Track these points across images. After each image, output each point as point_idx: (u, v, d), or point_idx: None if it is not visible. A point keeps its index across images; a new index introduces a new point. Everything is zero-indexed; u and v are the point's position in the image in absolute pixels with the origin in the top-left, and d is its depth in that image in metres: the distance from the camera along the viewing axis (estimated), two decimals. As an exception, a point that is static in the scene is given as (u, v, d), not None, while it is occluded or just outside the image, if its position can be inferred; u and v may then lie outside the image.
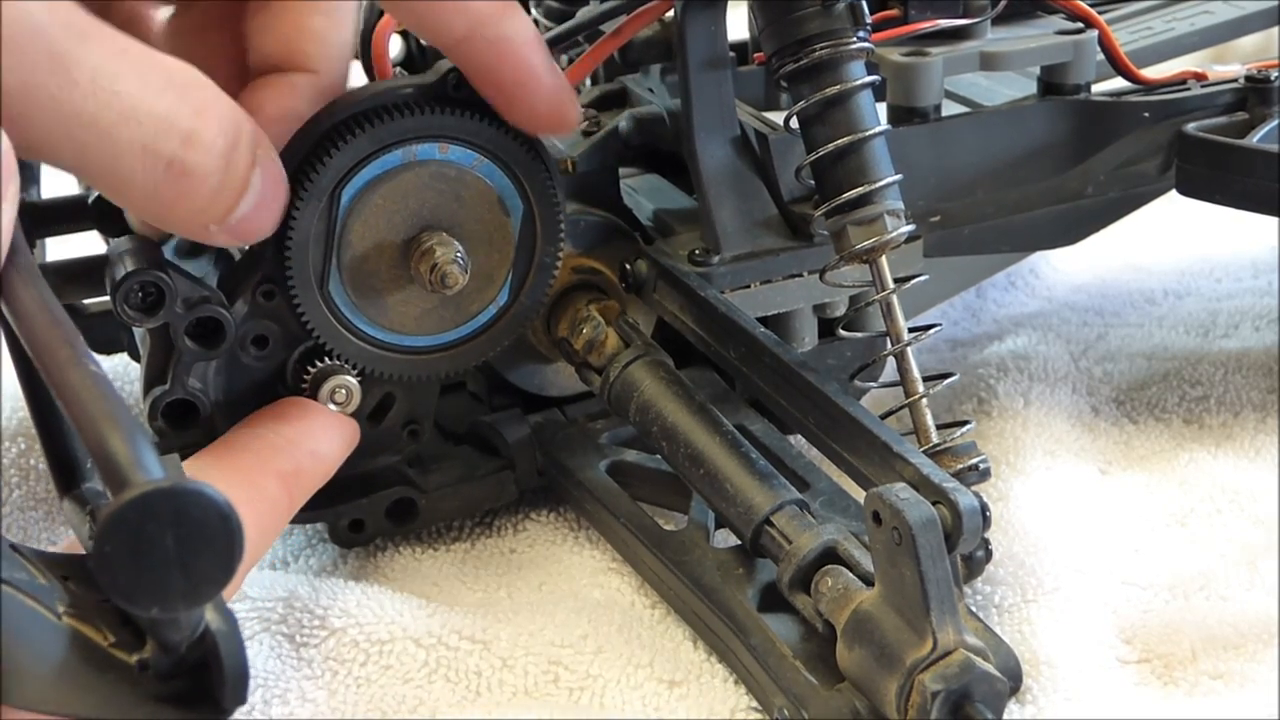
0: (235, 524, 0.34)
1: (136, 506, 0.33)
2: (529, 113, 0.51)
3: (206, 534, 0.34)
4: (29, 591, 0.37)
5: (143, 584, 0.34)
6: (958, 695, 0.42)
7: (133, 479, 0.33)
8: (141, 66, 0.42)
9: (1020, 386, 0.64)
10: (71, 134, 0.41)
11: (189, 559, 0.34)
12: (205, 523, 0.34)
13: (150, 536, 0.33)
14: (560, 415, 0.60)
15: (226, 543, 0.34)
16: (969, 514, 0.44)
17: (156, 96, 0.42)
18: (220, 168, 0.43)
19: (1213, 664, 0.49)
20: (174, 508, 0.34)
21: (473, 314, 0.54)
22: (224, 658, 0.37)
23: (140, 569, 0.34)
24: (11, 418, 0.63)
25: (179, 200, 0.43)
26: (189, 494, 0.34)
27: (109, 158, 0.42)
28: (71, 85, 0.40)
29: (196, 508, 0.34)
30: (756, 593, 0.49)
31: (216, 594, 0.35)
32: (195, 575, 0.34)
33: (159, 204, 0.43)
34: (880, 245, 0.52)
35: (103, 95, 0.41)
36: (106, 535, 0.33)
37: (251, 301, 0.51)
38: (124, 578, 0.34)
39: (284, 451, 0.50)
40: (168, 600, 0.34)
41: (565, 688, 0.49)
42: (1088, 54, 0.62)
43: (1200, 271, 0.76)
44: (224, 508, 0.34)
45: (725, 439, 0.51)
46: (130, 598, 0.34)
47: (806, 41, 0.52)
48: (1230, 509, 0.57)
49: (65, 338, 0.38)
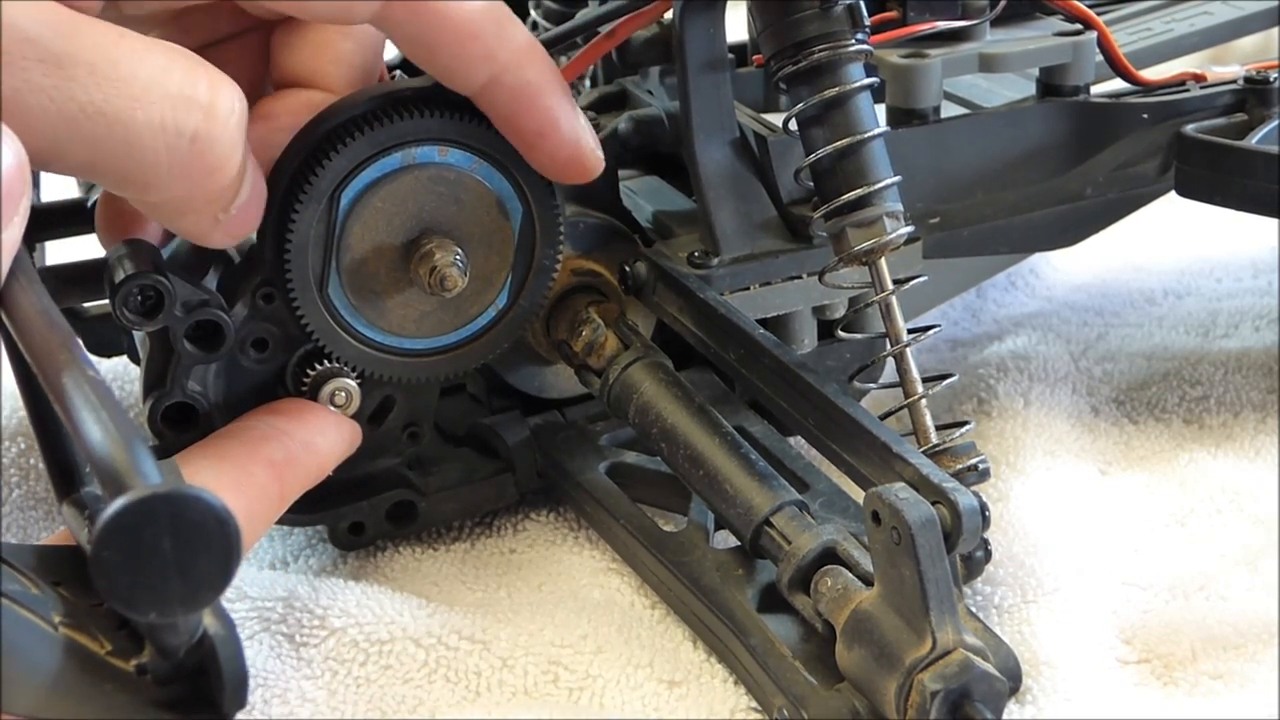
0: (233, 529, 0.34)
1: (134, 511, 0.33)
2: (548, 161, 0.51)
3: (204, 538, 0.34)
4: (24, 603, 0.37)
5: (141, 589, 0.34)
6: (957, 695, 0.42)
7: (130, 484, 0.33)
8: (140, 50, 0.41)
9: (1020, 387, 0.64)
10: (80, 131, 0.40)
11: (187, 563, 0.34)
12: (203, 527, 0.34)
13: (148, 541, 0.33)
14: (560, 417, 0.60)
15: (224, 547, 0.34)
16: (968, 514, 0.44)
17: (165, 75, 0.41)
18: (239, 140, 0.43)
19: (1213, 664, 0.49)
20: (172, 512, 0.33)
21: (472, 316, 0.54)
22: (222, 662, 0.38)
23: (138, 574, 0.33)
24: (11, 417, 0.63)
25: (207, 178, 0.43)
26: (187, 499, 0.34)
27: (124, 144, 0.41)
28: (70, 81, 0.40)
29: (194, 512, 0.34)
30: (756, 593, 0.49)
31: (215, 599, 0.35)
32: (193, 580, 0.34)
33: (187, 183, 0.43)
34: (879, 247, 0.52)
35: (107, 83, 0.40)
36: (104, 540, 0.33)
37: (251, 304, 0.51)
38: (122, 582, 0.34)
39: (274, 440, 0.49)
40: (166, 605, 0.34)
41: (565, 688, 0.49)
42: (1086, 55, 0.62)
43: (1200, 271, 0.76)
44: (221, 512, 0.34)
45: (725, 440, 0.51)
46: (128, 603, 0.34)
47: (805, 43, 0.52)
48: (1230, 509, 0.57)
49: (63, 342, 0.38)
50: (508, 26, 0.48)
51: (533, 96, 0.49)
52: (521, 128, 0.50)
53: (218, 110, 0.42)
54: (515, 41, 0.48)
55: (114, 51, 0.41)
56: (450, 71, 0.49)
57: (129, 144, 0.41)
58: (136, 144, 0.41)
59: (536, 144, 0.50)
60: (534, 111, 0.49)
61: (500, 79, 0.48)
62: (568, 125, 0.50)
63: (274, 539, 0.58)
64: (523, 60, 0.49)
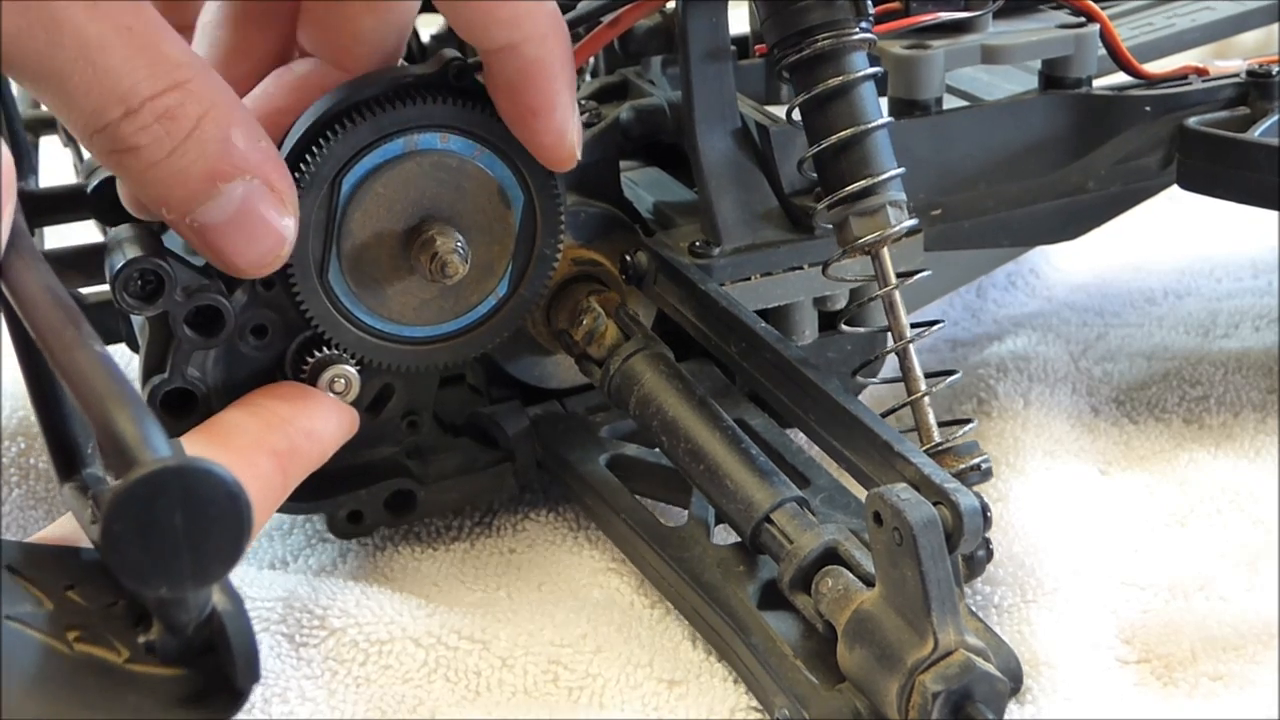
0: (244, 503, 0.34)
1: (145, 485, 0.33)
2: (530, 140, 0.50)
3: (215, 513, 0.34)
4: (35, 625, 0.37)
5: (151, 563, 0.34)
6: (958, 696, 0.42)
7: (141, 458, 0.33)
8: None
9: (1020, 387, 0.64)
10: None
11: (198, 538, 0.34)
12: (214, 501, 0.34)
13: (159, 515, 0.33)
14: (560, 408, 0.60)
15: (235, 522, 0.34)
16: (970, 514, 0.43)
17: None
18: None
19: (1213, 665, 0.49)
20: (183, 486, 0.33)
21: (472, 305, 0.53)
22: (232, 637, 0.37)
23: (149, 548, 0.33)
24: (11, 417, 0.62)
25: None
26: (198, 472, 0.34)
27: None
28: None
29: (205, 486, 0.34)
30: (757, 590, 0.49)
31: (225, 573, 0.35)
32: (204, 554, 0.34)
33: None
34: (883, 238, 0.52)
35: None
36: (115, 514, 0.33)
37: (251, 290, 0.51)
38: (132, 557, 0.34)
39: (278, 429, 0.49)
40: (176, 579, 0.34)
41: (565, 687, 0.49)
42: (1089, 48, 0.62)
43: (1200, 271, 0.76)
44: (233, 486, 0.34)
45: (726, 434, 0.51)
46: (139, 577, 0.34)
47: (809, 32, 0.52)
48: (1230, 509, 0.57)
49: (70, 319, 0.38)
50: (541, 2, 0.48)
51: (539, 75, 0.49)
52: (518, 101, 0.50)
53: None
54: (545, 17, 0.48)
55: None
56: (471, 25, 0.48)
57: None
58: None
59: (526, 121, 0.50)
60: (536, 90, 0.49)
61: (519, 48, 0.48)
62: (561, 113, 0.50)
63: (273, 539, 0.58)
64: (545, 36, 0.49)
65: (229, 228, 0.46)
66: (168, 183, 0.44)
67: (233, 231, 0.46)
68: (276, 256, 0.47)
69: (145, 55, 0.43)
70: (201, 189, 0.45)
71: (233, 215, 0.45)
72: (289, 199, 0.47)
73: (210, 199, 0.45)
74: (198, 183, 0.45)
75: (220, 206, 0.45)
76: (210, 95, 0.44)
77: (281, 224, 0.47)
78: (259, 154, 0.45)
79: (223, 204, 0.45)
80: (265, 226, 0.46)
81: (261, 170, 0.45)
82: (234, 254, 0.46)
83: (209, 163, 0.44)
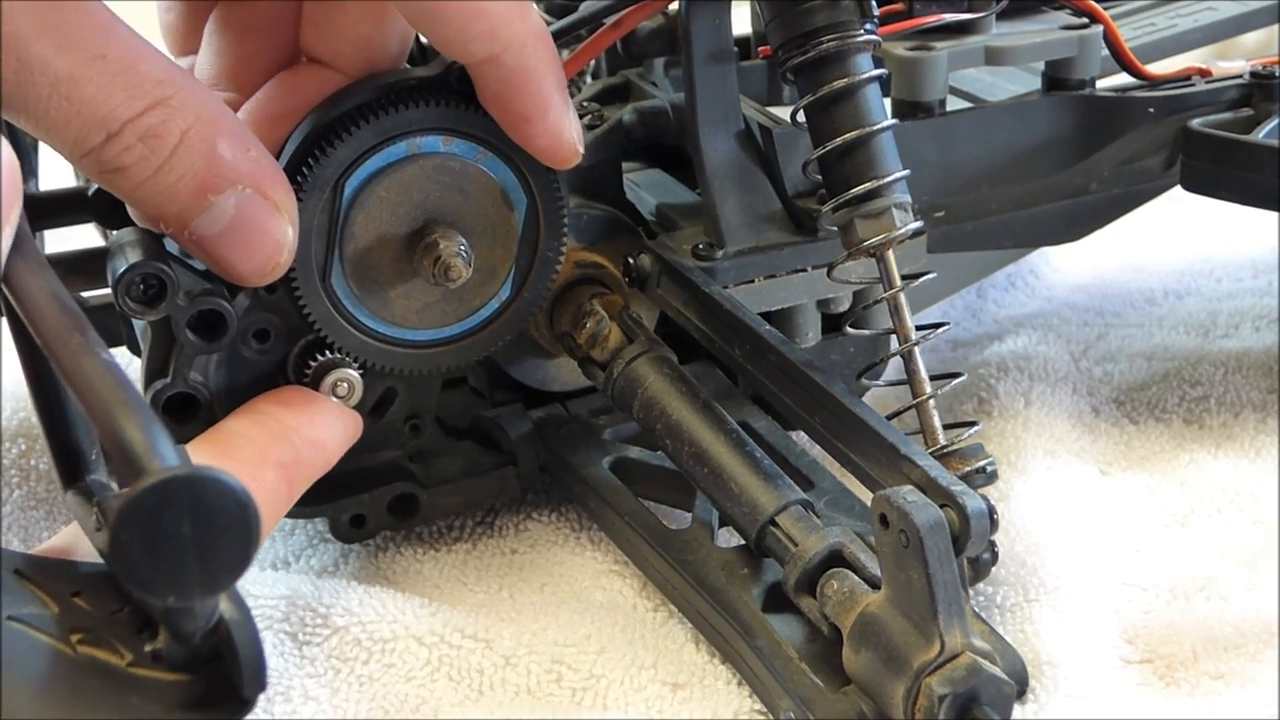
0: (253, 512, 0.34)
1: (154, 494, 0.33)
2: (528, 144, 0.50)
3: (224, 522, 0.34)
4: (38, 627, 0.37)
5: (159, 572, 0.34)
6: (965, 698, 0.42)
7: (150, 467, 0.33)
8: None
9: (1021, 387, 0.64)
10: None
11: (206, 547, 0.34)
12: (222, 510, 0.34)
13: (167, 524, 0.33)
14: (563, 411, 0.59)
15: (243, 531, 0.34)
16: (976, 517, 0.43)
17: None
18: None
19: (1214, 664, 0.49)
20: (191, 495, 0.33)
21: (475, 308, 0.53)
22: (239, 645, 0.37)
23: (157, 557, 0.33)
24: (12, 418, 0.62)
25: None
26: (207, 481, 0.34)
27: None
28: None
29: (214, 495, 0.34)
30: (761, 592, 0.49)
31: (233, 583, 0.35)
32: (212, 563, 0.34)
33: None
34: (889, 240, 0.52)
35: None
36: (123, 523, 0.33)
37: (253, 294, 0.50)
38: (141, 565, 0.34)
39: (283, 439, 0.49)
40: (184, 588, 0.34)
41: (568, 688, 0.49)
42: (1093, 49, 0.62)
43: (1200, 271, 0.76)
44: (241, 495, 0.34)
45: (729, 437, 0.51)
46: (147, 586, 0.34)
47: (814, 34, 0.52)
48: (1230, 509, 0.57)
49: (76, 325, 0.38)
50: (517, 8, 0.48)
51: (525, 82, 0.49)
52: (509, 109, 0.50)
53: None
54: (521, 24, 0.48)
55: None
56: (449, 43, 0.48)
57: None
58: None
59: (520, 127, 0.50)
60: (525, 97, 0.49)
61: (500, 59, 0.48)
62: (555, 115, 0.50)
63: (275, 539, 0.58)
64: (526, 44, 0.48)
65: (226, 238, 0.46)
66: (159, 199, 0.45)
67: (230, 242, 0.46)
68: (277, 264, 0.47)
69: (122, 79, 0.43)
70: (193, 202, 0.45)
71: (228, 226, 0.46)
72: (286, 206, 0.47)
73: (203, 211, 0.45)
74: (188, 197, 0.45)
75: (214, 218, 0.45)
76: (194, 109, 0.44)
77: (279, 231, 0.47)
78: (249, 164, 0.45)
79: (216, 215, 0.45)
80: (262, 235, 0.46)
81: (253, 180, 0.45)
82: (234, 263, 0.47)
83: (197, 176, 0.45)
